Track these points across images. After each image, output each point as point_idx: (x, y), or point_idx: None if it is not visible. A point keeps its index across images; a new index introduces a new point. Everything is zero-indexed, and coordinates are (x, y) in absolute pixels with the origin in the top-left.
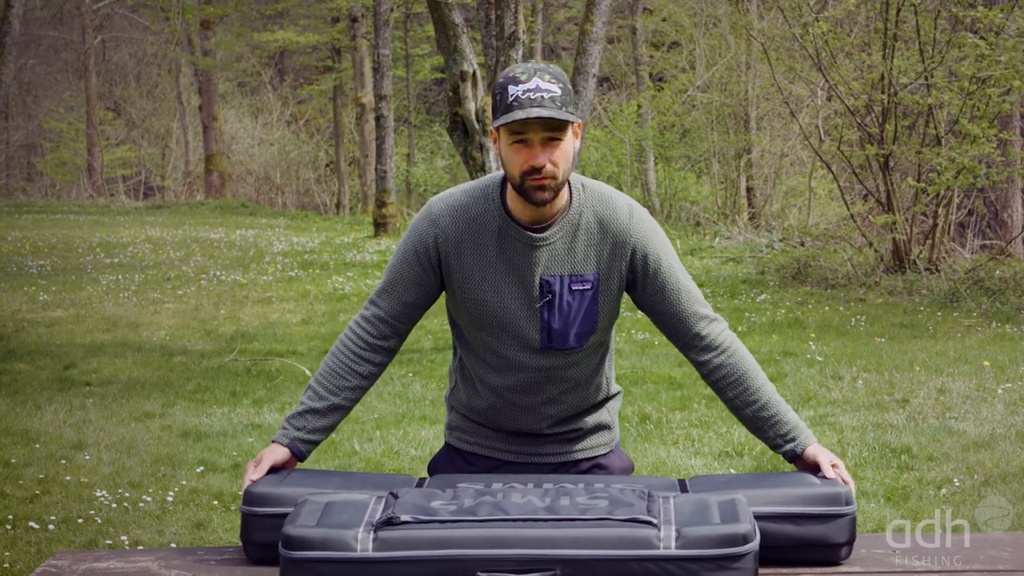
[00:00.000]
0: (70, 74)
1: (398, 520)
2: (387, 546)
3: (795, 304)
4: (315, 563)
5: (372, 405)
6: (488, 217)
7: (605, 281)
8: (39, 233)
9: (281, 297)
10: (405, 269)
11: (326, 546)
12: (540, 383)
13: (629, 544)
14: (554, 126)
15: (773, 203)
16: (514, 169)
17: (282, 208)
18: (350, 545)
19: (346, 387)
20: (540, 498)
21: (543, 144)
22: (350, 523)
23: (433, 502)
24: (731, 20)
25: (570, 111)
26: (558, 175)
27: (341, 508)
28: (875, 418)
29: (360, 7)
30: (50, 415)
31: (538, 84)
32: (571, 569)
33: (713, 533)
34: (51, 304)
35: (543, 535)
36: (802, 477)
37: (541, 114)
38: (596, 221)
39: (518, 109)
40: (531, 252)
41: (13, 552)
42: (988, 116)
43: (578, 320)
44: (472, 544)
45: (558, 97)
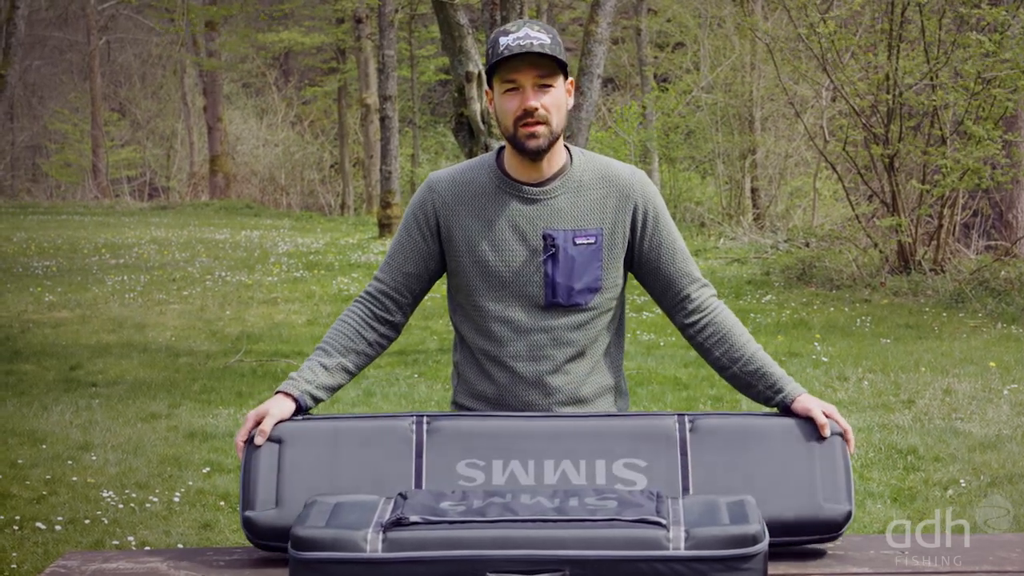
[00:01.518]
0: (75, 75)
1: (407, 521)
2: (396, 547)
3: (800, 305)
4: (325, 564)
5: (377, 406)
6: (485, 180)
7: (609, 236)
8: (44, 234)
9: (286, 298)
10: (406, 238)
11: (335, 547)
12: (546, 347)
13: (638, 545)
14: (545, 72)
15: (778, 204)
16: (507, 118)
17: (287, 209)
18: (359, 546)
19: (354, 350)
20: (549, 499)
21: (535, 89)
22: (359, 524)
23: (442, 503)
24: (735, 21)
25: (561, 59)
26: (551, 120)
27: (350, 509)
28: (881, 419)
29: (365, 8)
30: (56, 416)
31: (527, 32)
32: (580, 570)
33: (722, 534)
34: (57, 305)
35: (552, 536)
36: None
37: (531, 49)
38: (599, 178)
39: (507, 54)
40: (531, 207)
41: (20, 552)
42: (993, 117)
43: (583, 275)
44: (481, 545)
45: (548, 45)
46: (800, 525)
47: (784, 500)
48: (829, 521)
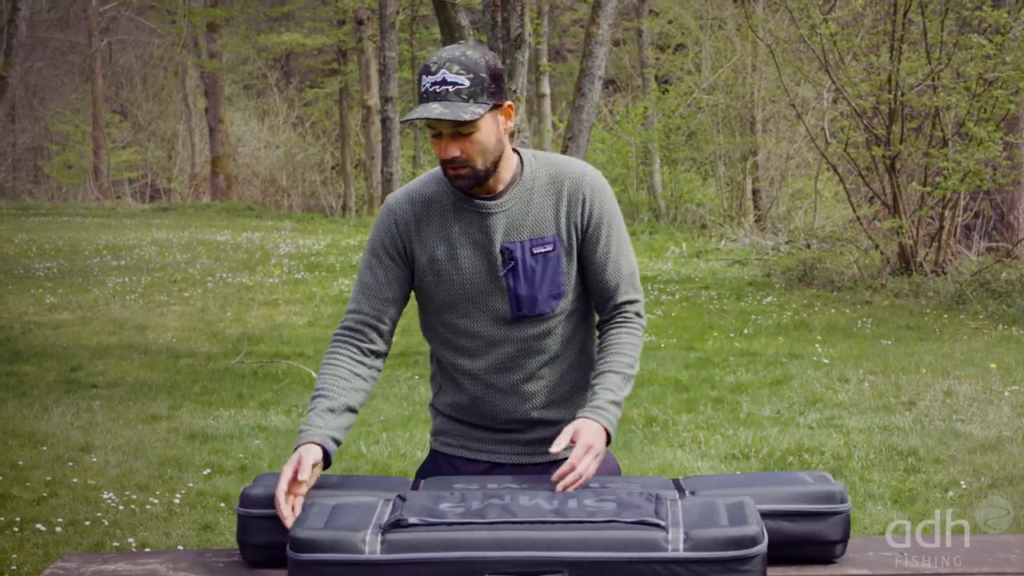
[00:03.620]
0: (76, 77)
1: (406, 522)
2: (395, 548)
3: (801, 306)
4: (323, 565)
5: (378, 407)
6: (442, 196)
7: (566, 240)
8: (45, 235)
9: (287, 299)
10: (378, 265)
11: (334, 548)
12: (517, 358)
13: (637, 546)
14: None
15: (779, 205)
16: (438, 157)
17: (288, 210)
18: (358, 547)
19: (352, 388)
20: (548, 500)
21: (452, 137)
22: (358, 525)
23: (441, 504)
24: (737, 22)
25: (480, 103)
26: (475, 164)
27: (349, 510)
28: (882, 420)
29: (366, 9)
30: (57, 417)
31: (444, 76)
32: (579, 571)
33: (721, 535)
34: (58, 306)
35: (551, 537)
36: (796, 476)
37: (431, 115)
38: (550, 182)
39: (422, 103)
40: (487, 221)
41: (21, 554)
42: (995, 119)
43: (545, 284)
44: (480, 546)
45: (465, 89)
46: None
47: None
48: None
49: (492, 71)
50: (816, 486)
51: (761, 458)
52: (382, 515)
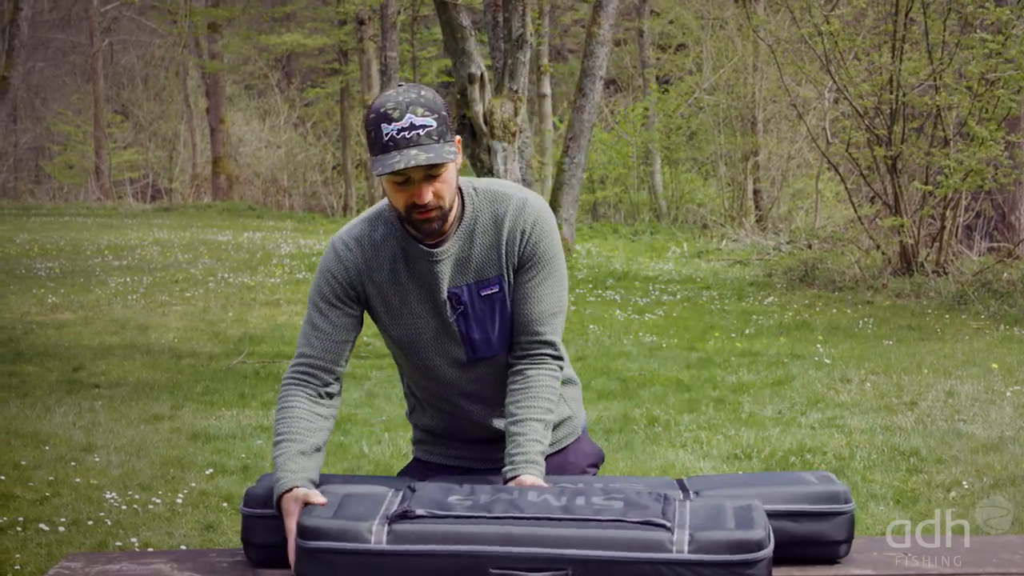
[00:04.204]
0: (78, 77)
1: (413, 514)
2: (401, 539)
3: (802, 306)
4: (330, 554)
5: (380, 407)
6: (390, 240)
7: (509, 278)
8: (47, 235)
9: (289, 299)
10: (328, 309)
11: (341, 537)
12: (481, 391)
13: (642, 547)
14: (434, 164)
15: (780, 205)
16: (399, 205)
17: (289, 210)
18: (364, 537)
19: (316, 429)
20: (556, 497)
21: (424, 180)
22: (366, 515)
23: (450, 497)
24: (738, 22)
25: (448, 141)
26: (444, 205)
27: (358, 500)
28: (884, 421)
29: (367, 10)
30: (59, 417)
31: (412, 121)
32: (583, 569)
33: (726, 539)
34: (59, 306)
35: (556, 535)
36: (800, 476)
37: (419, 161)
38: (492, 218)
39: (394, 151)
40: (434, 267)
41: (24, 554)
42: (996, 118)
43: (497, 324)
44: (486, 540)
45: (434, 131)
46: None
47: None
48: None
49: (446, 108)
50: (820, 486)
51: (763, 458)
52: (391, 506)
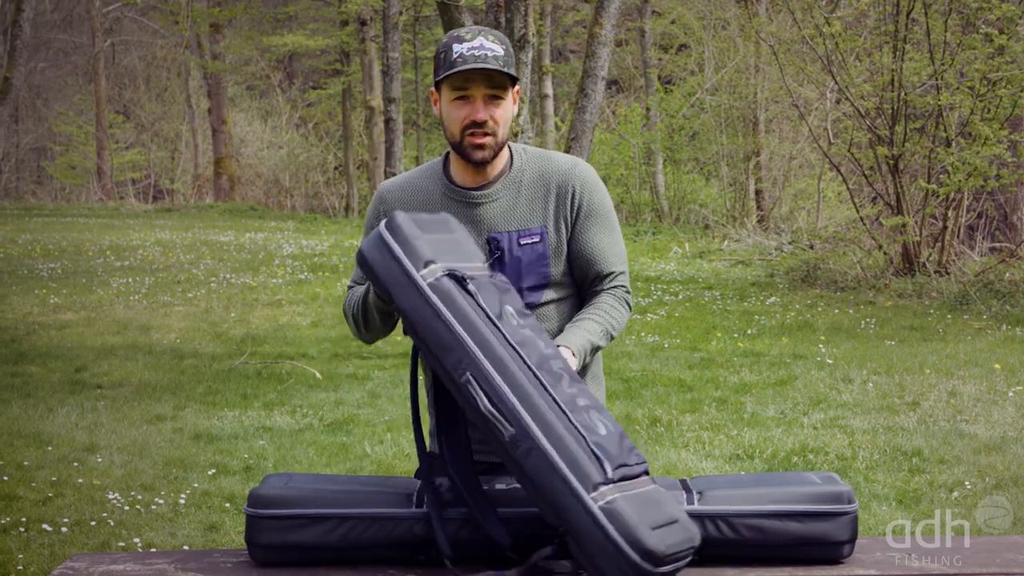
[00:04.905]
0: (80, 77)
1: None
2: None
3: (804, 307)
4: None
5: (382, 408)
6: (432, 186)
7: (554, 231)
8: (49, 236)
9: (291, 300)
10: None
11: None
12: None
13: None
14: (496, 84)
15: (782, 206)
16: (455, 126)
17: (291, 211)
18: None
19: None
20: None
21: (485, 101)
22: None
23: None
24: (740, 23)
25: (513, 72)
26: (498, 133)
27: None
28: (886, 421)
29: (369, 10)
30: (62, 418)
31: (482, 43)
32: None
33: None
34: (62, 307)
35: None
36: (803, 476)
37: (487, 67)
38: (539, 176)
39: (462, 65)
40: (475, 211)
41: (27, 554)
42: (999, 118)
43: (530, 274)
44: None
45: (501, 57)
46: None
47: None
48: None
49: (511, 48)
50: (824, 487)
51: (765, 458)
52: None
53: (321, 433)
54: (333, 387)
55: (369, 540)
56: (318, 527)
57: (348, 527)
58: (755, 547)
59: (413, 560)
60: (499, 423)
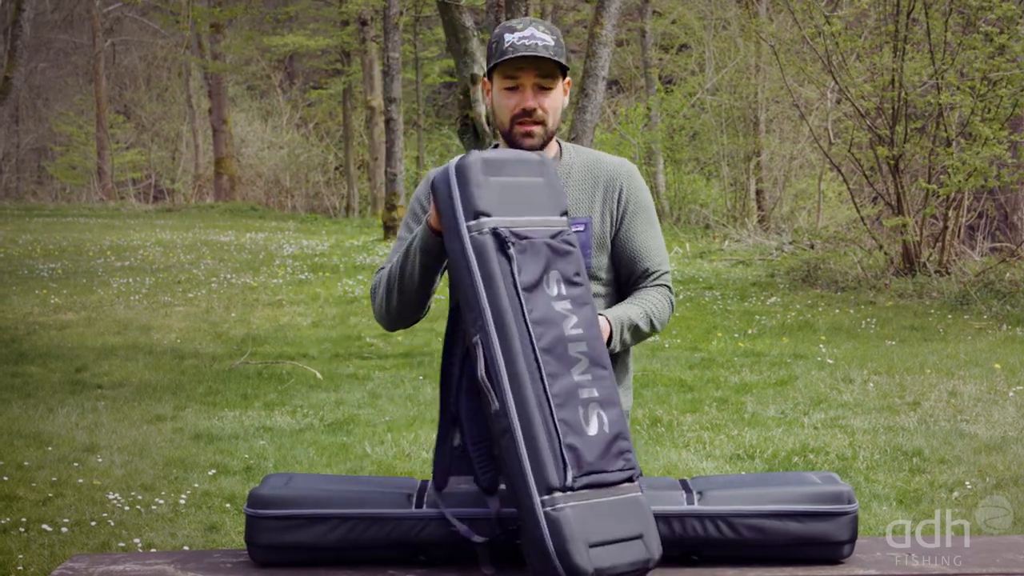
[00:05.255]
0: (80, 78)
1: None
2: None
3: (805, 307)
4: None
5: (383, 408)
6: None
7: (599, 224)
8: (50, 236)
9: (291, 300)
10: (415, 226)
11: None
12: None
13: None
14: (546, 73)
15: (783, 206)
16: (505, 114)
17: (291, 211)
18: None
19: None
20: None
21: (535, 90)
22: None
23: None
24: (740, 23)
25: (563, 63)
26: (547, 121)
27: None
28: (886, 421)
29: (370, 10)
30: (62, 418)
31: (533, 32)
32: None
33: None
34: (62, 307)
35: None
36: (803, 476)
37: (538, 52)
38: (587, 170)
39: (512, 54)
40: None
41: (27, 554)
42: (1000, 118)
43: None
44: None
45: (551, 47)
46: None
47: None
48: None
49: (563, 41)
50: (824, 486)
51: (766, 458)
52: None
53: (321, 433)
54: (333, 387)
55: (369, 540)
56: (318, 527)
57: (348, 527)
58: (755, 547)
59: (413, 560)
60: (489, 393)
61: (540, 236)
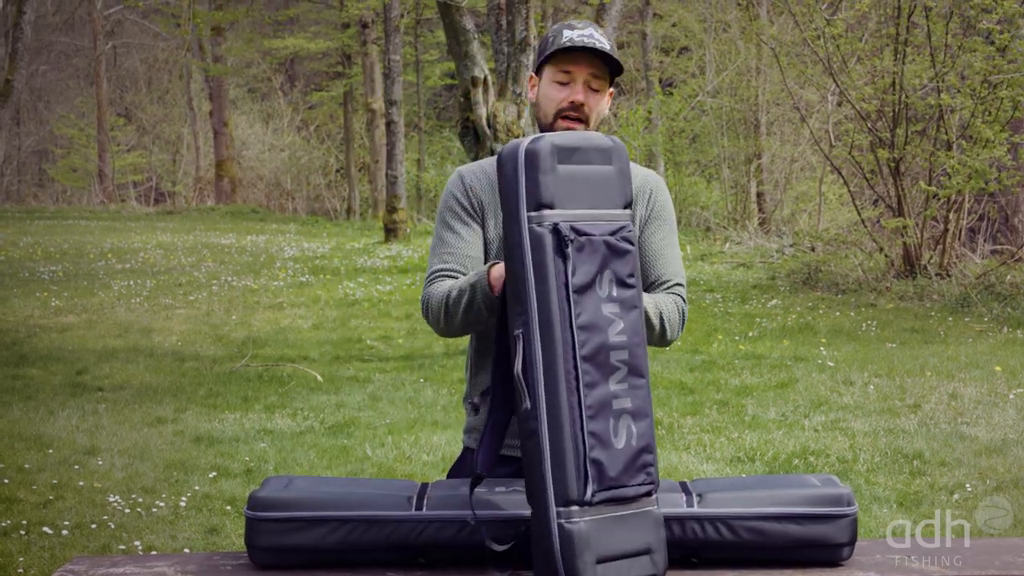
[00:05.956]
0: (81, 80)
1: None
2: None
3: (806, 309)
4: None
5: (384, 411)
6: None
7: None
8: (51, 239)
9: (292, 303)
10: (458, 225)
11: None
12: None
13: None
14: (599, 74)
15: (783, 208)
16: (551, 107)
17: (292, 214)
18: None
19: None
20: None
21: (585, 86)
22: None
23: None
24: (741, 25)
25: (618, 59)
26: (590, 120)
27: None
28: (887, 423)
29: (371, 13)
30: (63, 420)
31: (592, 32)
32: None
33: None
34: (63, 310)
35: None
36: (803, 479)
37: (595, 45)
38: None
39: (570, 45)
40: None
41: (27, 557)
42: (1000, 120)
43: None
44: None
45: (608, 50)
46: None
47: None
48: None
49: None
50: (823, 489)
51: (766, 461)
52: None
53: (322, 436)
54: (334, 390)
55: (369, 543)
56: (318, 530)
57: (348, 530)
58: (755, 549)
59: (413, 563)
60: (522, 391)
61: (600, 232)
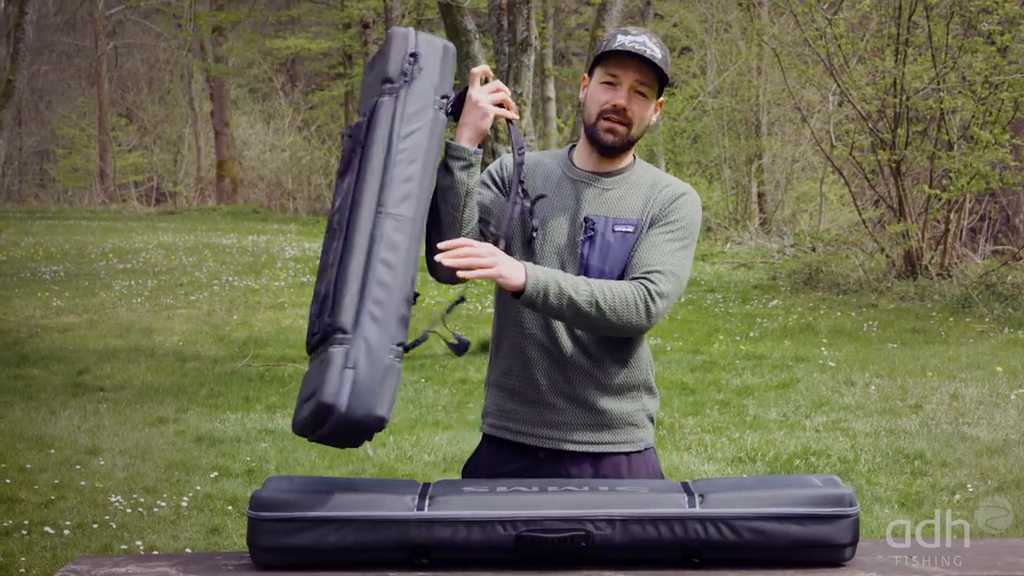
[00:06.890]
0: (82, 80)
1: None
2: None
3: (807, 310)
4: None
5: None
6: (553, 163)
7: (647, 228)
8: (52, 239)
9: (293, 303)
10: (484, 190)
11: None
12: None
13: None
14: (646, 81)
15: (784, 209)
16: (595, 107)
17: (293, 214)
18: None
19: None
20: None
21: (631, 91)
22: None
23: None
24: (742, 26)
25: (666, 71)
26: (632, 125)
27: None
28: (888, 424)
29: (371, 13)
30: (64, 420)
31: (645, 40)
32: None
33: None
34: (64, 310)
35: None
36: (805, 479)
37: (645, 53)
38: (652, 183)
39: (621, 48)
40: (583, 191)
41: (29, 557)
42: (1001, 121)
43: (618, 261)
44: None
45: (659, 58)
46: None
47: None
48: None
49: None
50: (825, 489)
51: (767, 461)
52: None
53: None
54: None
55: (370, 543)
56: (320, 530)
57: (350, 530)
58: (756, 549)
59: (414, 563)
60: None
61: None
